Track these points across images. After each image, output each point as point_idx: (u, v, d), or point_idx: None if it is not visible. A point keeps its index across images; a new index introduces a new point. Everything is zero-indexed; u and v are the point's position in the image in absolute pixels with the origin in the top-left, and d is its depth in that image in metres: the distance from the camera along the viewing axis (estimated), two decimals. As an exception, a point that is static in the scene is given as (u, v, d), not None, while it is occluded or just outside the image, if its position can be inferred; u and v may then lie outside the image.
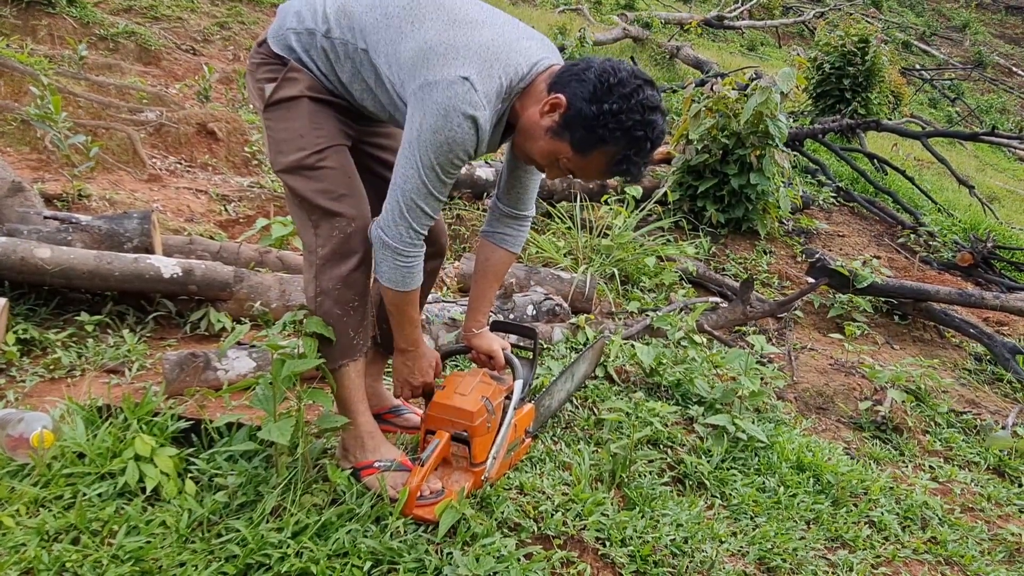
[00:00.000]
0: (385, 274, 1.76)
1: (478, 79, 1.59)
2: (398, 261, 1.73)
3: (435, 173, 1.65)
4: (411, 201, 1.67)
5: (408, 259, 1.74)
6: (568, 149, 1.67)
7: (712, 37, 14.34)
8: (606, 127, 1.60)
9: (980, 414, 3.48)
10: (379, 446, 1.94)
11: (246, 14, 7.19)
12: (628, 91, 1.59)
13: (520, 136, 1.75)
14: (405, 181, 1.66)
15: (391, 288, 1.77)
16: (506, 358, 2.09)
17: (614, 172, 1.69)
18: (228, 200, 3.99)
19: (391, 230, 1.71)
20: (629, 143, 1.62)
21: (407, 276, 1.76)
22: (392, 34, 1.67)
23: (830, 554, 2.16)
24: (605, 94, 1.59)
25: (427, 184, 1.66)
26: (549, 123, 1.66)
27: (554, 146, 1.68)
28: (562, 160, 1.71)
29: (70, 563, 1.56)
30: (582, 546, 1.92)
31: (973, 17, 21.13)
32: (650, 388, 2.87)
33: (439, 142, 1.60)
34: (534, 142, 1.71)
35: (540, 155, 1.73)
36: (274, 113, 1.79)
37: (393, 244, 1.71)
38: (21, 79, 4.30)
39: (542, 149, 1.71)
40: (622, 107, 1.59)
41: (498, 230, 2.05)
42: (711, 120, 4.88)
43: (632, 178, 1.73)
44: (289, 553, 1.64)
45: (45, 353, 2.43)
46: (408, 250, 1.73)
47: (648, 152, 1.66)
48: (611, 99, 1.59)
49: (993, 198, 8.50)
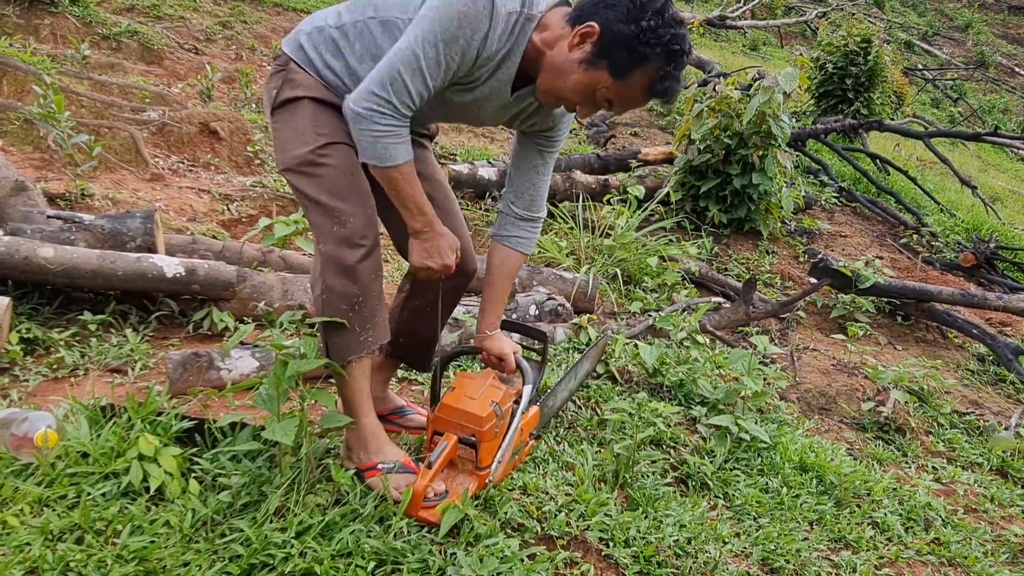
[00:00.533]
0: (366, 151, 1.69)
1: None
2: (373, 132, 1.65)
3: (434, 48, 1.60)
4: (397, 73, 1.61)
5: (383, 127, 1.65)
6: (607, 77, 1.64)
7: (714, 37, 14.34)
8: (648, 44, 1.59)
9: (983, 415, 3.47)
10: (382, 447, 1.94)
11: (248, 13, 7.20)
12: (659, 6, 1.59)
13: (547, 76, 1.70)
14: (398, 50, 1.62)
15: (373, 164, 1.70)
16: (516, 362, 2.09)
17: (655, 92, 1.66)
18: (231, 199, 3.99)
19: (363, 99, 1.63)
20: (668, 57, 1.61)
21: (388, 148, 1.68)
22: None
23: (833, 555, 2.16)
24: (640, 12, 1.58)
25: (420, 57, 1.60)
26: (581, 55, 1.63)
27: (590, 77, 1.65)
28: (600, 90, 1.67)
29: (74, 562, 1.56)
30: (585, 547, 1.92)
31: (976, 17, 21.11)
32: (653, 388, 2.87)
33: (450, 15, 1.58)
34: (566, 78, 1.67)
35: (574, 91, 1.68)
36: (280, 115, 1.82)
37: (363, 112, 1.63)
38: (24, 78, 4.30)
39: (576, 83, 1.66)
40: (659, 22, 1.58)
41: (512, 233, 2.04)
42: (713, 120, 4.88)
43: (670, 97, 1.68)
44: (293, 553, 1.64)
45: (48, 352, 2.43)
46: (380, 119, 1.64)
47: (684, 66, 1.65)
48: (647, 16, 1.58)
49: (996, 198, 8.50)
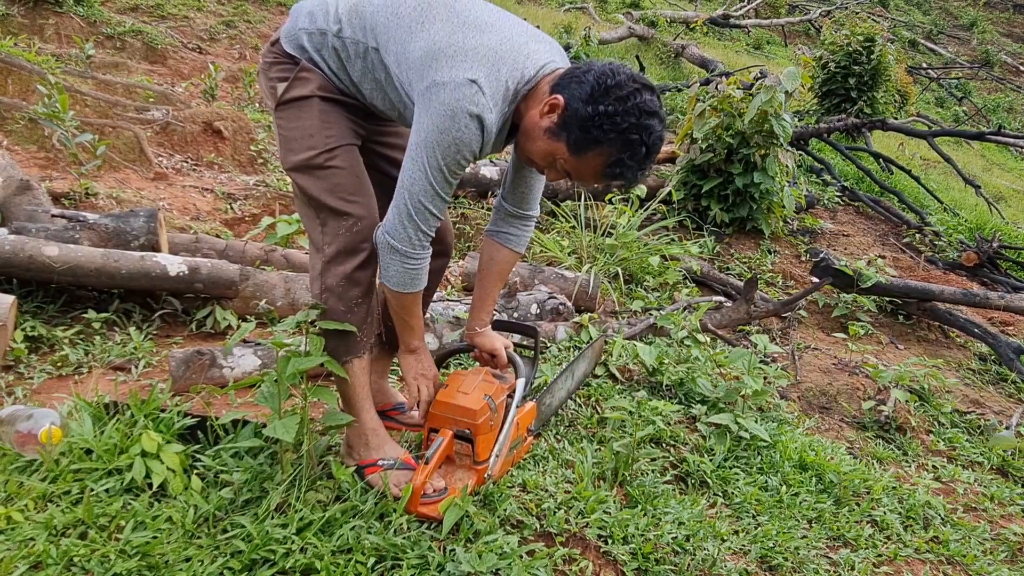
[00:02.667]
0: (392, 278, 1.77)
1: (485, 82, 1.61)
2: (407, 265, 1.75)
3: (442, 174, 1.66)
4: (418, 203, 1.69)
5: (416, 261, 1.76)
6: (564, 150, 1.68)
7: (718, 36, 14.32)
8: (600, 128, 1.61)
9: (984, 414, 3.47)
10: (382, 444, 1.95)
11: (252, 13, 7.22)
12: (625, 94, 1.60)
13: (522, 137, 1.77)
14: (412, 183, 1.68)
15: (398, 291, 1.79)
16: (508, 357, 2.11)
17: (608, 175, 1.69)
18: (234, 198, 4.01)
19: (398, 233, 1.72)
20: (624, 146, 1.63)
21: (415, 278, 1.78)
22: (402, 34, 1.68)
23: (832, 553, 2.16)
24: (602, 95, 1.60)
25: (434, 185, 1.67)
26: (548, 124, 1.67)
27: (551, 146, 1.69)
28: (559, 161, 1.71)
29: (78, 558, 1.58)
30: (584, 543, 1.93)
31: (980, 15, 21.03)
32: (653, 387, 2.88)
33: (446, 143, 1.62)
34: (533, 142, 1.73)
35: (539, 156, 1.74)
36: (285, 112, 1.81)
37: (401, 247, 1.72)
38: (29, 78, 4.33)
39: (540, 149, 1.72)
40: (617, 109, 1.60)
41: (503, 230, 2.06)
42: (716, 119, 4.88)
43: (627, 183, 1.72)
44: (294, 549, 1.66)
45: (53, 350, 2.45)
46: (416, 252, 1.74)
47: (643, 157, 1.65)
48: (607, 101, 1.60)
49: (999, 198, 8.48)
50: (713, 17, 13.05)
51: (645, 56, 10.28)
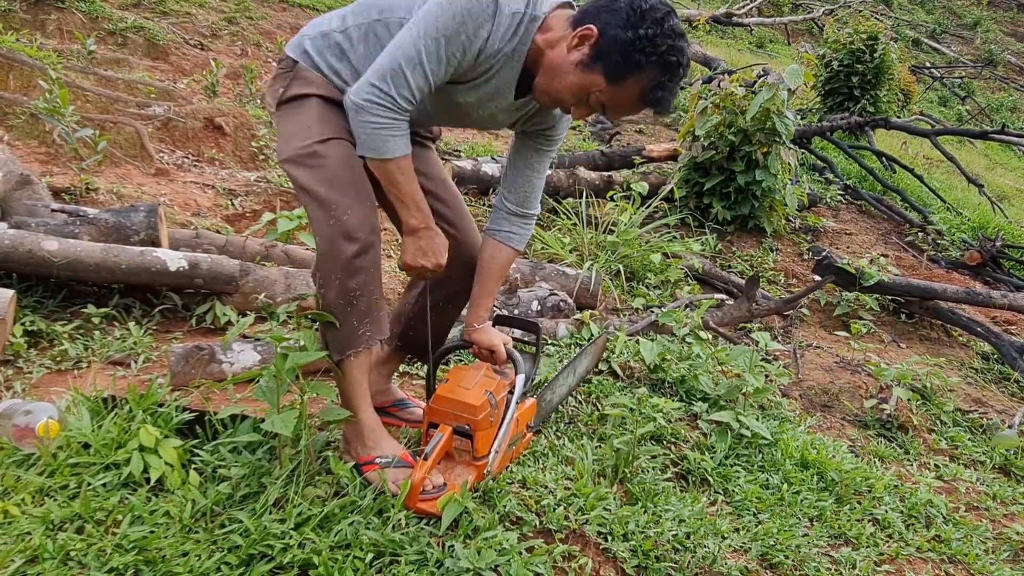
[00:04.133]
0: (363, 143, 1.68)
1: None
2: (371, 124, 1.65)
3: (435, 43, 1.60)
4: (398, 65, 1.61)
5: (380, 119, 1.65)
6: (601, 80, 1.64)
7: (720, 34, 14.30)
8: (643, 51, 1.59)
9: (986, 413, 3.46)
10: (380, 441, 1.94)
11: (254, 9, 7.22)
12: (660, 16, 1.59)
13: (545, 76, 1.71)
14: (399, 46, 1.62)
15: (371, 156, 1.70)
16: (508, 352, 2.09)
17: (647, 101, 1.66)
18: (235, 194, 4.00)
19: (362, 91, 1.64)
20: (663, 68, 1.61)
21: (385, 141, 1.67)
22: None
23: (833, 551, 2.15)
24: (639, 20, 1.58)
25: (421, 51, 1.60)
26: (579, 57, 1.63)
27: (585, 79, 1.65)
28: (594, 93, 1.67)
29: (74, 552, 1.57)
30: (584, 540, 1.92)
31: (984, 15, 20.98)
32: (654, 384, 2.87)
33: (452, 11, 1.58)
34: (563, 78, 1.67)
35: (569, 91, 1.69)
36: (285, 110, 1.82)
37: (362, 103, 1.63)
38: (30, 73, 4.32)
39: (572, 84, 1.67)
40: (657, 32, 1.58)
41: (503, 228, 2.03)
42: (718, 117, 4.87)
43: (664, 108, 1.68)
44: (292, 544, 1.65)
45: (52, 345, 2.45)
46: (378, 111, 1.64)
47: (680, 78, 1.64)
48: (645, 24, 1.58)
49: (1002, 197, 8.46)
50: (716, 15, 13.02)
51: (648, 54, 10.25)
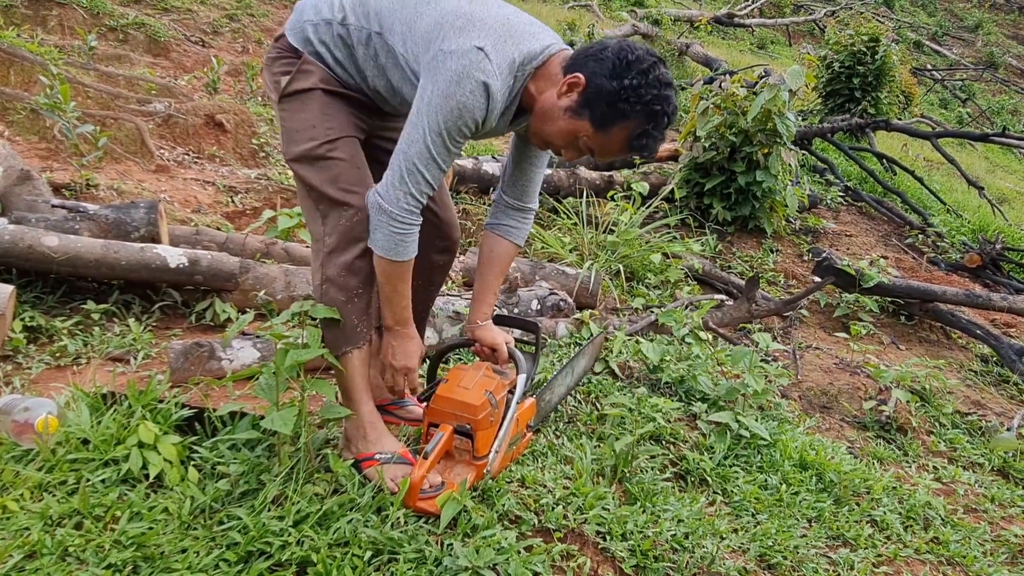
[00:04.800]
0: (379, 241, 1.74)
1: (493, 50, 1.62)
2: (393, 227, 1.72)
3: (442, 139, 1.65)
4: (413, 165, 1.67)
5: (403, 226, 1.73)
6: (588, 127, 1.69)
7: (722, 35, 14.30)
8: (628, 101, 1.63)
9: (985, 415, 3.46)
10: (380, 438, 1.94)
11: (255, 6, 7.20)
12: (646, 67, 1.63)
13: (537, 119, 1.76)
14: (409, 145, 1.67)
15: (384, 256, 1.75)
16: (509, 352, 2.10)
17: (633, 147, 1.71)
18: (235, 191, 4.00)
19: (389, 194, 1.70)
20: (648, 117, 1.65)
21: (401, 245, 1.74)
22: (408, 14, 1.71)
23: (831, 552, 2.15)
24: (624, 70, 1.62)
25: (431, 149, 1.66)
26: (568, 103, 1.68)
27: (574, 125, 1.70)
28: (582, 139, 1.72)
29: (73, 548, 1.57)
30: (582, 539, 1.92)
31: (986, 17, 20.98)
32: (653, 384, 2.87)
33: (449, 107, 1.62)
34: (553, 123, 1.72)
35: (559, 136, 1.74)
36: (288, 104, 1.82)
37: (389, 208, 1.70)
38: (31, 69, 4.32)
39: (561, 129, 1.72)
40: (641, 82, 1.62)
41: (502, 222, 2.06)
42: (719, 117, 4.87)
43: (649, 153, 1.73)
44: (290, 541, 1.65)
45: (51, 341, 2.45)
46: (404, 216, 1.72)
47: (665, 126, 1.69)
48: (630, 75, 1.62)
49: (1003, 199, 8.46)
50: (717, 16, 13.02)
51: (649, 54, 10.24)
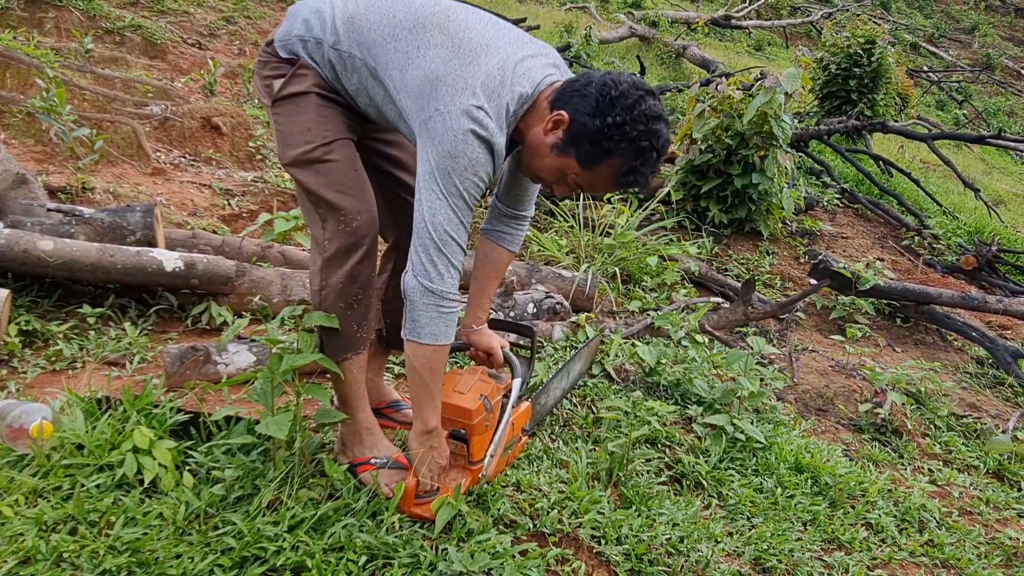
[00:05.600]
0: (426, 327, 1.66)
1: (489, 106, 1.60)
2: (442, 308, 1.67)
3: (462, 199, 1.61)
4: (444, 234, 1.62)
5: (451, 303, 1.68)
6: (575, 164, 1.67)
7: (719, 37, 14.32)
8: (611, 139, 1.60)
9: (981, 418, 3.47)
10: (377, 442, 1.95)
11: (252, 9, 7.20)
12: (630, 102, 1.59)
13: (526, 155, 1.75)
14: (433, 214, 1.61)
15: (432, 343, 1.68)
16: (504, 356, 2.10)
17: (622, 184, 1.68)
18: (231, 194, 4.00)
19: (430, 271, 1.63)
20: (635, 154, 1.62)
21: (449, 324, 1.69)
22: (400, 60, 1.66)
23: (826, 555, 2.16)
24: (608, 107, 1.59)
25: (457, 212, 1.61)
26: (554, 140, 1.66)
27: (560, 162, 1.68)
28: (570, 176, 1.71)
29: (67, 553, 1.57)
30: (577, 544, 1.92)
31: (982, 19, 21.02)
32: (649, 387, 2.87)
33: (461, 167, 1.58)
34: (540, 160, 1.71)
35: (547, 172, 1.73)
36: (282, 108, 1.79)
37: (437, 287, 1.64)
38: (27, 71, 4.32)
39: (548, 166, 1.71)
40: (625, 119, 1.59)
41: (497, 228, 2.05)
42: (715, 120, 4.88)
43: (640, 189, 1.73)
44: (285, 546, 1.65)
45: (47, 345, 2.44)
46: (451, 291, 1.67)
47: (654, 162, 1.65)
48: (614, 112, 1.59)
49: (999, 201, 8.47)
50: (715, 18, 13.05)
51: (646, 56, 10.27)
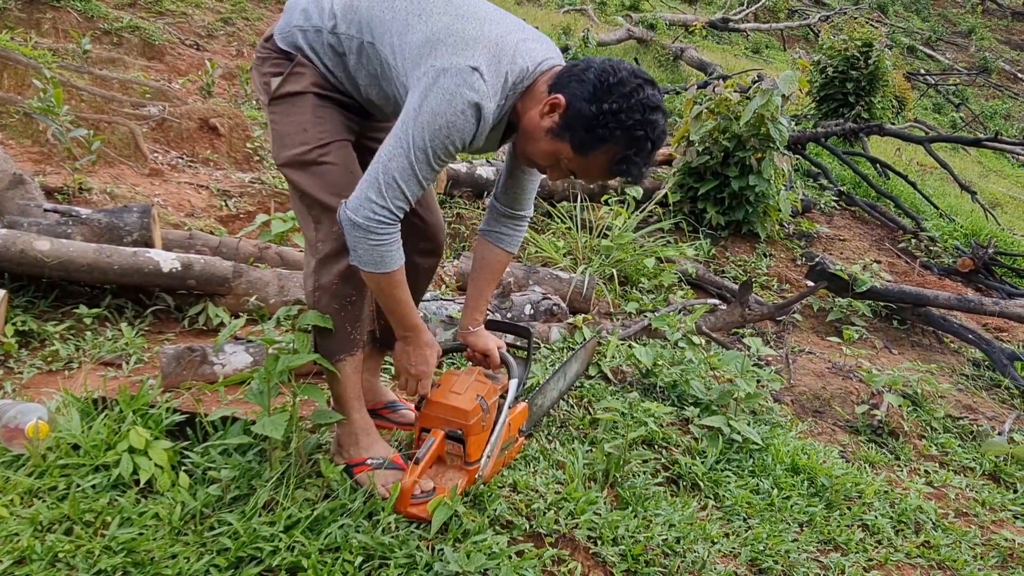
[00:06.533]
0: (361, 257, 1.67)
1: (487, 71, 1.59)
2: (371, 241, 1.64)
3: (426, 156, 1.60)
4: (392, 180, 1.61)
5: (381, 237, 1.65)
6: (569, 150, 1.66)
7: (717, 39, 14.34)
8: (606, 127, 1.59)
9: (977, 420, 3.47)
10: (373, 443, 1.94)
11: (250, 10, 7.21)
12: (628, 90, 1.58)
13: (521, 138, 1.74)
14: (390, 158, 1.61)
15: (370, 271, 1.69)
16: (501, 357, 2.10)
17: (615, 172, 1.68)
18: (229, 195, 4.00)
19: (362, 209, 1.62)
20: (629, 143, 1.61)
21: (386, 255, 1.67)
22: (398, 26, 1.67)
23: (822, 556, 2.16)
24: (604, 94, 1.58)
25: (414, 165, 1.61)
26: (549, 124, 1.65)
27: (555, 147, 1.67)
28: (563, 161, 1.70)
29: (63, 553, 1.56)
30: (574, 544, 1.92)
31: (979, 22, 21.09)
32: (646, 388, 2.87)
33: (438, 125, 1.58)
34: (535, 143, 1.70)
35: (541, 156, 1.72)
36: (279, 107, 1.79)
37: (363, 223, 1.62)
38: (24, 72, 4.31)
39: (543, 150, 1.70)
40: (622, 106, 1.58)
41: (495, 229, 2.04)
42: (712, 122, 4.88)
43: (633, 179, 1.70)
44: (281, 547, 1.65)
45: (43, 345, 2.44)
46: (379, 228, 1.64)
47: (649, 152, 1.64)
48: (610, 99, 1.57)
49: (995, 204, 8.50)
50: (712, 21, 13.07)
51: (644, 58, 10.29)
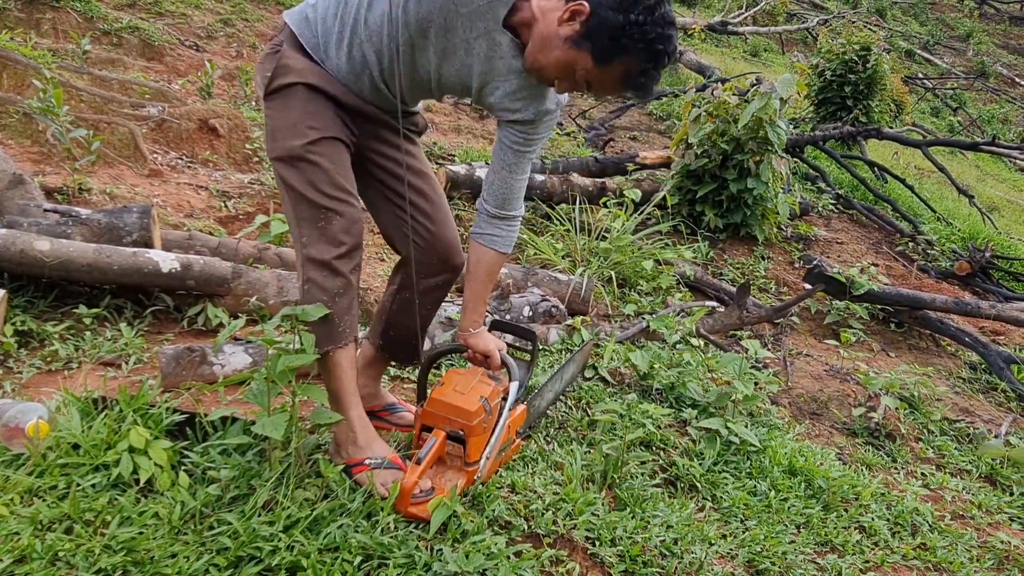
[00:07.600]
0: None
1: None
2: None
3: None
4: None
5: None
6: (588, 59, 1.62)
7: (715, 42, 14.36)
8: (631, 37, 1.57)
9: (973, 423, 3.48)
10: (371, 443, 1.94)
11: (250, 11, 7.22)
12: (651, 3, 1.57)
13: (534, 46, 1.67)
14: None
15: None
16: (502, 359, 2.09)
17: (631, 85, 1.66)
18: (228, 196, 4.00)
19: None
20: (649, 56, 1.60)
21: None
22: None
23: (819, 558, 2.17)
24: (631, 4, 1.56)
25: None
26: (569, 32, 1.61)
27: (572, 56, 1.63)
28: (579, 71, 1.66)
29: (63, 552, 1.57)
30: (572, 545, 1.93)
31: (977, 27, 21.14)
32: (644, 390, 2.88)
33: None
34: (549, 52, 1.64)
35: (555, 66, 1.66)
36: (272, 102, 1.80)
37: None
38: (24, 72, 4.32)
39: (558, 59, 1.64)
40: (647, 18, 1.56)
41: (486, 231, 1.99)
42: (711, 125, 4.90)
43: (645, 93, 1.69)
44: (280, 546, 1.66)
45: (43, 345, 2.44)
46: None
47: (664, 65, 1.63)
48: (636, 9, 1.56)
49: (993, 208, 8.52)
50: (711, 24, 13.09)
51: (643, 61, 10.27)
